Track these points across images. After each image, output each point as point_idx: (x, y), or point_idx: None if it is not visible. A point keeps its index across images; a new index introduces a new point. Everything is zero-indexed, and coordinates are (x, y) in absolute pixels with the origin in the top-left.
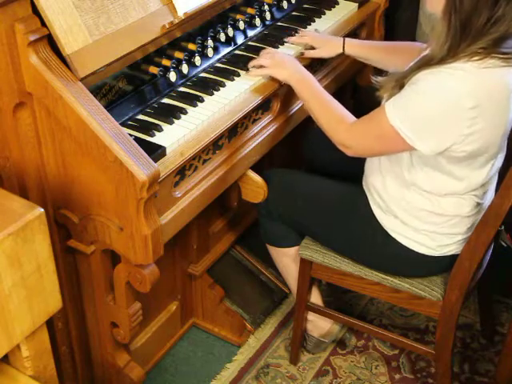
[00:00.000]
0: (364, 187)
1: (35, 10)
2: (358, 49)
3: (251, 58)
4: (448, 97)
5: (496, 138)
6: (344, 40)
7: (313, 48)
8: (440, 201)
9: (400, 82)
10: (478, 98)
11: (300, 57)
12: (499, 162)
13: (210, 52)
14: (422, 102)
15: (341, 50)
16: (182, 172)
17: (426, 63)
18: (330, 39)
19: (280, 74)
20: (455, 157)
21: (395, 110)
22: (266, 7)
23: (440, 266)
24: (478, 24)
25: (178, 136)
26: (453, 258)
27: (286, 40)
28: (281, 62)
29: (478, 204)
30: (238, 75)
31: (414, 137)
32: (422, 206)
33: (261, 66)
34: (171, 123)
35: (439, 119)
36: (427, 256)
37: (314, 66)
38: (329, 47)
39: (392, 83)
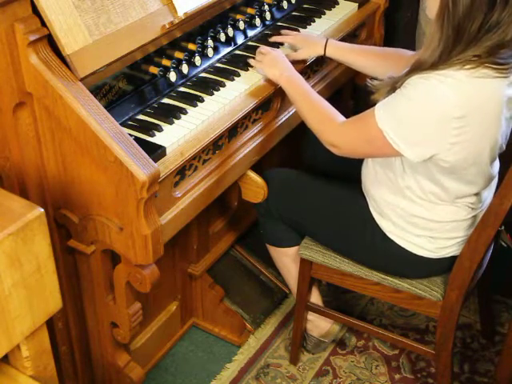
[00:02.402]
0: (363, 191)
1: (35, 10)
2: (340, 52)
3: (251, 58)
4: (435, 104)
5: (484, 149)
6: (327, 41)
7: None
8: (435, 208)
9: (394, 86)
10: (467, 107)
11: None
12: (495, 170)
13: (210, 52)
14: (410, 108)
15: (321, 52)
16: (181, 172)
17: (417, 68)
18: (312, 40)
19: (270, 73)
20: (443, 167)
21: (384, 113)
22: (266, 7)
23: (440, 267)
24: (471, 29)
25: (178, 136)
26: (452, 260)
27: (269, 39)
28: (273, 62)
29: (474, 209)
30: (238, 75)
31: (399, 142)
32: (418, 213)
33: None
34: (171, 123)
35: (425, 126)
36: (426, 258)
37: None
38: (309, 48)
39: (387, 87)
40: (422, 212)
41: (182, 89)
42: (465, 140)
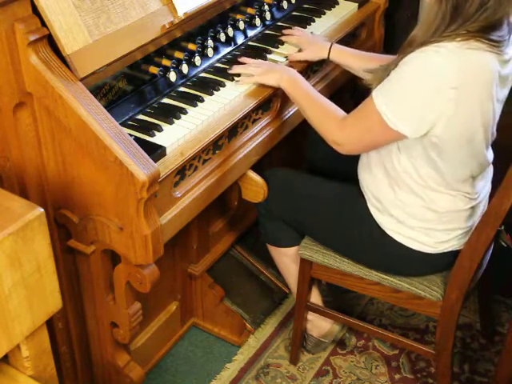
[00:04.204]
0: (361, 187)
1: (35, 10)
2: (344, 57)
3: (251, 58)
4: (430, 75)
5: (478, 127)
6: (331, 45)
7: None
8: (432, 197)
9: (388, 69)
10: (461, 77)
11: (287, 60)
12: (489, 156)
13: (210, 52)
14: (406, 83)
15: (325, 56)
16: (181, 172)
17: (408, 44)
18: (317, 42)
19: (270, 79)
20: (438, 145)
21: (381, 94)
22: (266, 7)
23: (439, 263)
24: (469, 10)
25: (178, 136)
26: (452, 255)
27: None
28: (269, 69)
29: (471, 199)
30: (238, 75)
31: (396, 120)
32: (416, 203)
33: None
34: (171, 123)
35: (421, 98)
36: (425, 254)
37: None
38: (314, 50)
39: (381, 71)
40: (419, 201)
41: (182, 89)
42: (460, 113)
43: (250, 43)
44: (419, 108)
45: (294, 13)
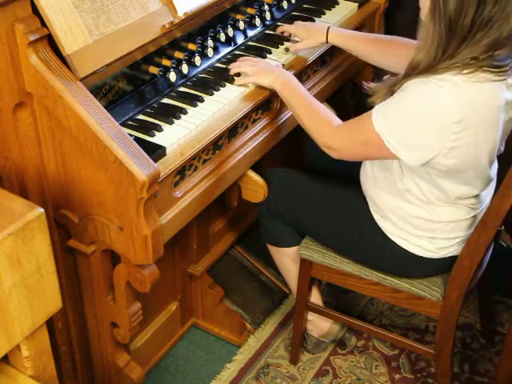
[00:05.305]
0: (363, 192)
1: (35, 10)
2: (343, 39)
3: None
4: (434, 109)
5: (482, 153)
6: (328, 28)
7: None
8: (434, 209)
9: (391, 89)
10: (465, 112)
11: (287, 57)
12: (493, 172)
13: (209, 52)
14: (408, 112)
15: (324, 40)
16: (181, 172)
17: (414, 69)
18: (313, 28)
19: (264, 80)
20: (441, 170)
21: (381, 116)
22: (266, 7)
23: (440, 267)
24: (464, 25)
25: (178, 136)
26: (452, 259)
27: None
28: (264, 69)
29: (474, 209)
30: (238, 75)
31: (397, 146)
32: (418, 214)
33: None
34: (171, 123)
35: (423, 131)
36: (427, 258)
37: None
38: (312, 37)
39: (385, 90)
40: (422, 213)
41: (181, 89)
42: (462, 144)
43: (250, 43)
44: (421, 140)
45: (294, 13)
